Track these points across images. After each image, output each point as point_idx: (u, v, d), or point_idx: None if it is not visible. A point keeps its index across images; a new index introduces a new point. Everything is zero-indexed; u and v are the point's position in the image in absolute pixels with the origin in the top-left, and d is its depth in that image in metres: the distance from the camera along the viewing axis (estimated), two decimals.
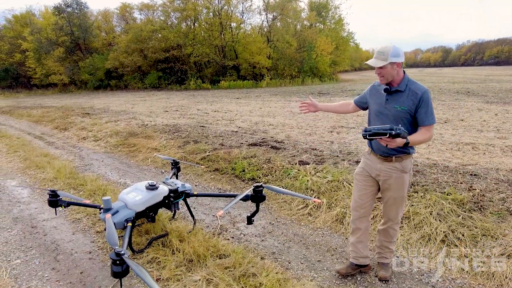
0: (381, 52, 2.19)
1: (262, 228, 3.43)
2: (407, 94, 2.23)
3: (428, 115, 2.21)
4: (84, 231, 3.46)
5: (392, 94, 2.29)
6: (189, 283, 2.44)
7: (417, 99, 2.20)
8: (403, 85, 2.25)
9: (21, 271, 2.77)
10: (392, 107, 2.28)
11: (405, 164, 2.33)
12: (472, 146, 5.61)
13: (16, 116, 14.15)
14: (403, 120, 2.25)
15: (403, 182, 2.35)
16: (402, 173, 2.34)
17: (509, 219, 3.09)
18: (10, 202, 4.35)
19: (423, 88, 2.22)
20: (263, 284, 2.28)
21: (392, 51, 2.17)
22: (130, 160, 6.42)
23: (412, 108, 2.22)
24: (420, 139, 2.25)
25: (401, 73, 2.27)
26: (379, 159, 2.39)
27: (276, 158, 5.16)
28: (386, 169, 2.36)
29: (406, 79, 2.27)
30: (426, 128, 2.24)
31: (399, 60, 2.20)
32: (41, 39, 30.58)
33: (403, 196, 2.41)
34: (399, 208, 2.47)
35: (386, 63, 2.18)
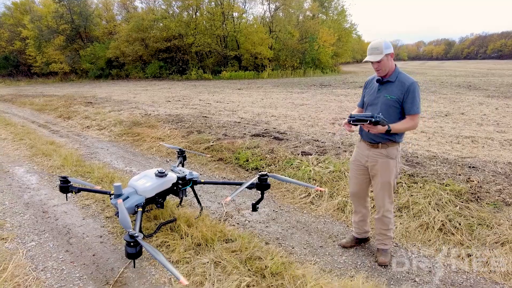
0: (375, 48, 2.37)
1: (266, 215, 3.55)
2: (396, 84, 2.42)
3: (413, 104, 2.38)
4: (94, 217, 3.58)
5: (384, 84, 2.49)
6: (198, 265, 2.57)
7: (404, 89, 2.38)
8: (393, 76, 2.45)
9: (37, 252, 2.90)
10: (382, 96, 2.47)
11: (390, 150, 2.51)
12: (472, 140, 5.71)
13: (19, 105, 14.21)
14: (392, 108, 2.43)
15: (388, 167, 2.53)
16: (388, 158, 2.52)
17: (504, 209, 3.21)
18: (20, 188, 4.47)
19: (411, 80, 2.41)
20: (268, 267, 2.41)
21: (384, 44, 2.36)
22: (135, 149, 6.53)
23: (400, 97, 2.39)
24: (402, 127, 2.42)
25: (393, 65, 2.46)
26: (367, 145, 2.60)
27: (279, 149, 5.26)
28: (373, 155, 2.56)
29: (397, 71, 2.46)
30: (411, 117, 2.42)
31: (391, 51, 2.40)
32: (41, 27, 30.39)
33: (389, 182, 2.55)
34: (386, 195, 2.60)
35: (382, 56, 2.35)
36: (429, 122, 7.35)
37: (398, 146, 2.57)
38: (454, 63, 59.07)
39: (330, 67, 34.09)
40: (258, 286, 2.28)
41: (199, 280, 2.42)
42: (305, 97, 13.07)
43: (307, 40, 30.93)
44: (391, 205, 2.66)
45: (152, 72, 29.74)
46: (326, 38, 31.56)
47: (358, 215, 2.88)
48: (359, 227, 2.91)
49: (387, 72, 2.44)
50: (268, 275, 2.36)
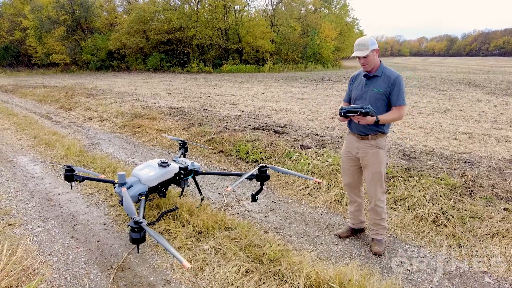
0: (362, 44, 2.52)
1: (265, 206, 3.66)
2: (382, 78, 2.57)
3: (399, 97, 2.54)
4: (97, 205, 3.68)
5: (371, 79, 2.63)
6: (199, 251, 2.67)
7: (390, 83, 2.53)
8: (379, 71, 2.60)
9: (43, 238, 3.00)
10: (370, 90, 2.61)
11: (379, 141, 2.65)
12: (469, 136, 5.80)
13: (20, 95, 14.25)
14: (379, 101, 2.58)
15: (379, 157, 2.66)
16: (377, 149, 2.65)
17: (496, 203, 3.31)
18: (25, 177, 4.56)
19: (396, 73, 2.57)
20: (267, 254, 2.51)
21: (370, 40, 2.51)
22: (136, 140, 6.61)
23: (387, 90, 2.55)
24: (389, 117, 2.58)
25: (378, 60, 2.61)
26: (357, 137, 2.73)
27: (279, 142, 5.35)
28: (363, 146, 2.69)
29: (382, 66, 2.62)
30: (397, 108, 2.57)
31: (376, 47, 2.55)
32: (42, 17, 30.22)
33: (380, 172, 2.68)
34: (378, 185, 2.72)
35: (368, 51, 2.49)
36: (428, 118, 7.43)
37: (386, 137, 2.72)
38: (455, 60, 58.91)
39: (332, 62, 34.04)
40: (256, 272, 2.39)
41: (200, 265, 2.52)
42: (306, 91, 13.12)
43: (308, 34, 30.83)
44: (383, 195, 2.77)
45: (153, 64, 29.70)
46: (328, 33, 31.45)
47: (354, 205, 2.99)
48: (354, 217, 3.02)
49: (372, 67, 2.58)
50: (266, 262, 2.46)
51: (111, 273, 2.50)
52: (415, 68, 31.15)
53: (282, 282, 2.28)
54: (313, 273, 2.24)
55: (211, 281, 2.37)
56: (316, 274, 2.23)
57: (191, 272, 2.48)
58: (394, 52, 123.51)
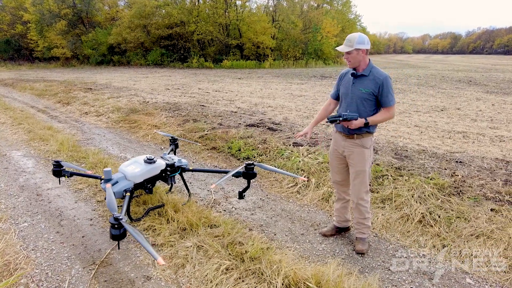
0: (349, 40, 2.49)
1: (253, 203, 3.65)
2: (370, 78, 2.54)
3: (389, 98, 2.52)
4: (85, 200, 3.69)
5: (358, 78, 2.60)
6: (181, 248, 2.68)
7: (378, 84, 2.50)
8: (367, 71, 2.56)
9: (28, 233, 3.01)
10: (357, 89, 2.59)
11: (365, 141, 2.65)
12: (463, 135, 5.76)
13: (19, 89, 14.26)
14: (366, 101, 2.56)
15: (364, 156, 2.66)
16: (362, 148, 2.65)
17: (484, 203, 3.29)
18: (16, 172, 4.58)
19: (384, 74, 2.52)
20: (248, 252, 2.51)
21: (357, 39, 2.46)
22: (130, 136, 6.61)
23: (375, 90, 2.52)
24: (380, 118, 2.59)
25: (367, 60, 2.57)
26: (343, 136, 2.73)
27: (272, 139, 5.34)
28: (349, 145, 2.69)
29: (371, 65, 2.57)
30: (387, 109, 2.57)
31: (364, 47, 2.48)
32: (43, 11, 30.14)
33: (365, 170, 2.68)
34: (362, 183, 2.72)
35: (351, 49, 2.47)
36: (424, 116, 7.39)
37: (372, 137, 2.71)
38: (459, 58, 58.52)
39: (333, 58, 33.82)
40: (236, 269, 2.39)
41: (181, 262, 2.53)
42: (304, 88, 13.07)
43: (310, 31, 30.63)
44: (367, 194, 2.76)
45: (153, 59, 29.63)
46: (330, 29, 31.24)
47: (340, 202, 3.00)
48: (340, 214, 3.02)
49: (357, 65, 2.55)
50: (247, 260, 2.46)
51: (92, 269, 2.51)
52: (417, 65, 30.97)
53: (261, 280, 2.28)
54: (291, 272, 2.24)
55: (191, 278, 2.38)
56: (294, 273, 2.23)
57: (172, 269, 2.48)
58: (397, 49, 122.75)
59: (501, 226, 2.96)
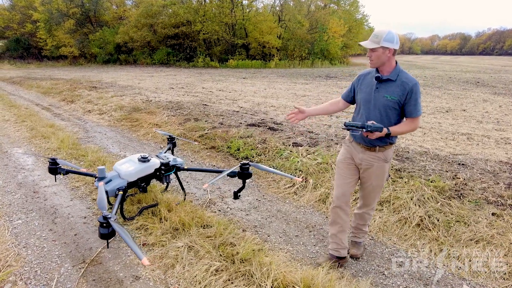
0: (376, 35, 2.16)
1: (249, 204, 3.61)
2: (397, 84, 2.20)
3: (416, 107, 2.20)
4: (81, 198, 3.68)
5: (383, 82, 2.25)
6: (172, 248, 2.64)
7: (407, 90, 2.17)
8: (394, 75, 2.22)
9: (22, 230, 3.01)
10: (381, 96, 2.24)
11: (387, 153, 2.36)
12: (468, 137, 5.64)
13: (26, 87, 14.42)
14: (391, 110, 2.23)
15: (383, 171, 2.40)
16: (384, 162, 2.37)
17: (485, 207, 3.20)
18: (16, 169, 4.60)
19: (413, 80, 2.19)
20: (239, 253, 2.46)
21: (386, 35, 2.12)
22: (131, 134, 6.62)
23: (402, 98, 2.19)
24: (403, 130, 2.28)
25: (393, 62, 2.23)
26: (362, 148, 2.38)
27: (271, 139, 5.28)
28: (369, 158, 2.37)
29: (398, 69, 2.23)
30: (412, 120, 2.24)
31: (392, 46, 2.15)
32: (52, 10, 30.48)
33: (382, 184, 2.48)
34: (377, 196, 2.55)
35: (378, 46, 2.14)
36: (429, 117, 7.27)
37: (393, 146, 2.46)
38: (468, 59, 57.74)
39: (339, 59, 33.62)
40: (226, 271, 2.35)
41: (170, 262, 2.50)
42: (308, 88, 12.98)
43: (316, 31, 30.46)
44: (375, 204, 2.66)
45: (159, 58, 29.77)
46: (336, 29, 31.02)
47: (337, 226, 2.56)
48: (337, 241, 2.57)
49: (378, 65, 2.23)
50: (237, 261, 2.42)
51: (82, 268, 2.49)
52: (425, 66, 30.60)
53: (250, 282, 2.24)
54: (280, 275, 2.19)
55: (180, 279, 2.34)
56: (283, 276, 2.18)
57: (161, 269, 2.45)
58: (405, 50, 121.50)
59: (502, 231, 2.87)
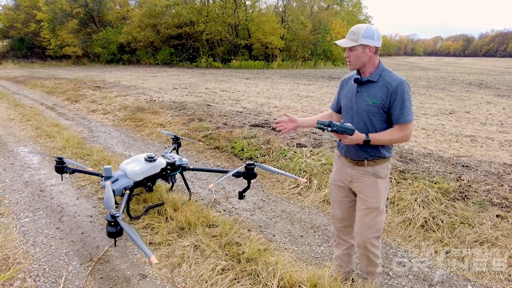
0: (353, 32, 1.87)
1: (253, 204, 3.63)
2: (380, 85, 1.90)
3: (404, 111, 1.86)
4: (87, 197, 3.71)
5: (364, 85, 1.96)
6: (178, 247, 2.67)
7: (390, 91, 1.86)
8: (376, 75, 1.92)
9: (29, 228, 3.04)
10: (362, 101, 1.95)
11: (378, 168, 2.00)
12: (471, 139, 5.65)
13: (30, 86, 14.50)
14: (375, 115, 1.92)
15: (377, 189, 2.01)
16: (375, 178, 2.00)
17: (489, 209, 3.21)
18: (22, 167, 4.64)
19: (398, 79, 1.87)
20: (245, 252, 2.48)
21: (364, 31, 1.83)
22: (136, 134, 6.66)
23: (386, 101, 1.88)
24: (386, 138, 1.91)
25: (376, 61, 1.93)
26: (349, 162, 2.08)
27: (275, 140, 5.31)
28: (358, 174, 2.04)
29: (381, 68, 1.93)
30: (400, 127, 1.89)
31: (373, 44, 1.86)
32: (56, 10, 30.64)
33: (378, 207, 2.01)
34: (373, 225, 2.03)
35: (356, 44, 1.85)
36: (432, 119, 7.27)
37: (388, 163, 2.05)
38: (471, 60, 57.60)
39: (342, 60, 33.57)
40: (232, 270, 2.37)
41: (177, 261, 2.52)
42: (312, 89, 13.00)
43: (319, 31, 30.50)
44: (378, 240, 2.09)
45: (162, 58, 29.87)
46: (339, 30, 31.02)
47: (342, 247, 2.33)
48: (342, 263, 2.35)
49: (358, 67, 1.94)
50: (243, 260, 2.44)
51: (89, 266, 2.52)
52: (427, 68, 30.56)
53: (256, 282, 2.26)
54: (286, 274, 2.21)
55: (186, 278, 2.37)
56: (289, 275, 2.20)
57: (168, 268, 2.48)
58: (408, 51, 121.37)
59: (506, 233, 2.88)
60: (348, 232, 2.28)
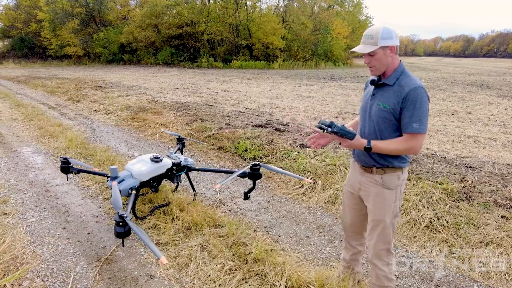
0: (369, 35, 1.74)
1: (258, 204, 3.64)
2: (394, 89, 1.77)
3: (413, 119, 1.70)
4: (92, 197, 3.72)
5: (380, 88, 1.86)
6: (185, 248, 2.68)
7: (402, 97, 1.73)
8: (392, 78, 1.79)
9: (36, 228, 3.05)
10: (375, 104, 1.84)
11: (388, 178, 1.86)
12: (474, 139, 5.66)
13: (32, 86, 14.51)
14: (385, 121, 1.80)
15: (383, 200, 1.87)
16: (383, 188, 1.86)
17: (494, 210, 3.22)
18: (26, 167, 4.65)
19: (413, 84, 1.72)
20: (252, 253, 2.49)
21: (382, 32, 1.71)
22: (139, 134, 6.66)
23: (397, 107, 1.75)
24: (390, 147, 1.76)
25: (396, 62, 1.80)
26: (360, 168, 1.97)
27: (279, 140, 5.32)
28: (366, 181, 1.93)
29: (399, 71, 1.79)
30: (407, 137, 1.74)
31: (393, 43, 1.74)
32: (57, 10, 30.65)
33: (384, 220, 1.88)
34: (380, 239, 1.92)
35: (376, 47, 1.72)
36: (434, 120, 7.28)
37: (401, 173, 1.87)
38: (471, 61, 57.60)
39: (343, 60, 33.68)
40: (240, 270, 2.38)
41: (184, 261, 2.53)
42: (313, 89, 13.01)
43: (320, 32, 30.52)
44: (388, 255, 1.96)
45: (163, 58, 29.89)
46: (340, 30, 31.11)
47: (350, 252, 2.26)
48: (348, 266, 2.29)
49: (383, 70, 1.80)
50: (250, 261, 2.45)
51: (97, 266, 2.53)
52: (428, 68, 30.57)
53: (264, 282, 2.27)
54: (294, 275, 2.22)
55: (194, 278, 2.38)
56: (297, 276, 2.21)
57: (175, 268, 2.49)
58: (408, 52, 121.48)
59: (511, 234, 2.89)
60: (357, 238, 2.21)
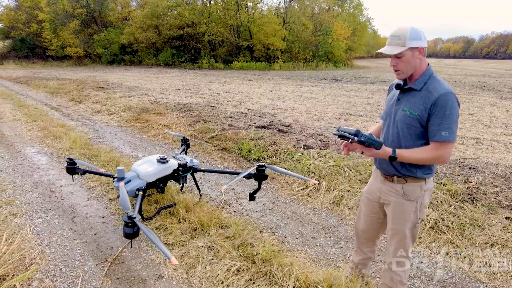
0: (396, 36, 1.66)
1: (263, 205, 3.66)
2: (422, 94, 1.68)
3: (442, 127, 1.61)
4: (98, 198, 3.74)
5: (405, 92, 1.77)
6: (193, 248, 2.69)
7: (430, 103, 1.63)
8: (420, 83, 1.70)
9: (43, 229, 3.07)
10: (401, 109, 1.76)
11: (408, 188, 1.79)
12: (477, 141, 5.67)
13: (33, 87, 14.52)
14: (411, 128, 1.72)
15: (403, 211, 1.83)
16: (403, 199, 1.82)
17: (498, 211, 3.23)
18: (31, 168, 4.66)
19: (442, 89, 1.63)
20: (259, 253, 2.51)
21: (410, 32, 1.63)
22: (142, 135, 6.68)
23: (424, 114, 1.65)
24: (416, 156, 1.68)
25: (424, 65, 1.71)
26: (381, 176, 1.92)
27: (282, 141, 5.33)
28: (387, 190, 1.89)
29: (427, 75, 1.71)
30: (434, 145, 1.65)
31: (422, 44, 1.65)
32: (57, 11, 30.69)
33: (403, 231, 1.85)
34: (398, 247, 1.90)
35: (404, 48, 1.63)
36: None
37: (424, 183, 1.79)
38: (471, 62, 57.67)
39: (343, 61, 33.73)
40: (247, 271, 2.39)
41: (192, 262, 2.54)
42: (315, 90, 13.03)
43: (321, 33, 30.58)
44: (406, 262, 1.95)
45: (164, 59, 29.92)
46: (341, 32, 31.17)
47: (359, 257, 2.26)
48: (356, 268, 2.30)
49: (410, 74, 1.72)
50: (258, 261, 2.46)
51: (105, 266, 2.54)
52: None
53: (272, 282, 2.28)
54: (302, 275, 2.23)
55: (202, 279, 2.39)
56: (305, 276, 2.22)
57: (183, 269, 2.50)
58: None
59: None
60: (369, 245, 2.20)
